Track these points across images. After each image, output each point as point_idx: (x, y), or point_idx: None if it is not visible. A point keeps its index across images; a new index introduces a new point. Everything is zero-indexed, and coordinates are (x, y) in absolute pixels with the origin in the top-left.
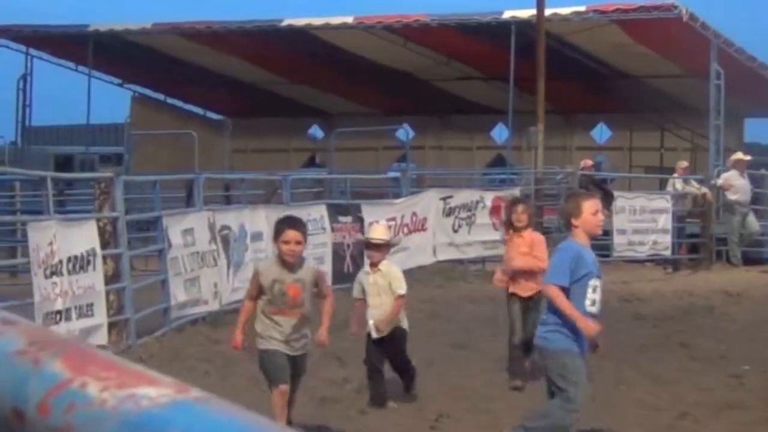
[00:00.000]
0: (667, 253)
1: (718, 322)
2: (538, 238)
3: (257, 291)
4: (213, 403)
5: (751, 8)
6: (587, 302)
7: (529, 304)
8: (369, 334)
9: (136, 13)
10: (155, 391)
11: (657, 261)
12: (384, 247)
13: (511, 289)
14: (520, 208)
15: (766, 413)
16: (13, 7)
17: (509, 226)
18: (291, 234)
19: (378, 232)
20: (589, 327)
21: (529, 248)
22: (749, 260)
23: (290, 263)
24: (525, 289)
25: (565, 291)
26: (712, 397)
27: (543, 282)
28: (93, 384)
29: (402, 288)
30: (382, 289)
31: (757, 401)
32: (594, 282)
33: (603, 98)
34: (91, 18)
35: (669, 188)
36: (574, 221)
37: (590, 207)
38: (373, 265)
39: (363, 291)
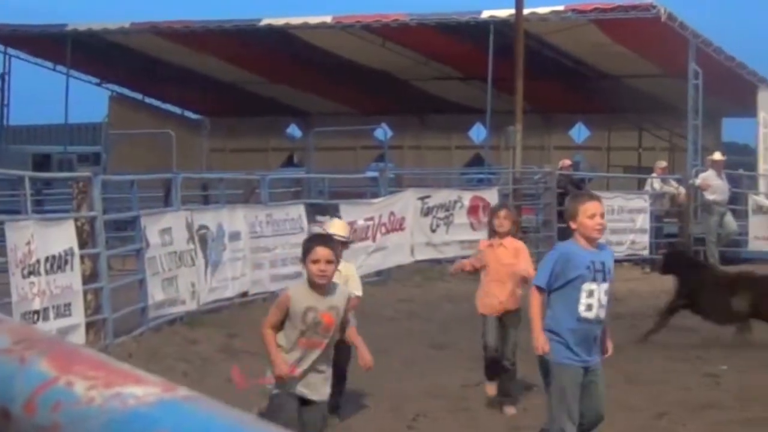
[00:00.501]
0: (645, 252)
1: (695, 322)
2: (522, 246)
3: (282, 319)
4: (201, 402)
5: (729, 7)
6: (581, 307)
7: (507, 321)
8: None
9: (114, 13)
10: (142, 390)
11: (635, 261)
12: (343, 245)
13: (488, 305)
14: (502, 212)
15: (743, 413)
16: None
17: (492, 233)
18: (321, 252)
19: (338, 228)
20: (539, 343)
21: (514, 258)
22: (727, 260)
23: (321, 286)
24: (508, 304)
25: (552, 293)
26: (689, 396)
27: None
28: (79, 383)
29: (359, 289)
30: None
31: (734, 401)
32: (589, 286)
33: (581, 98)
34: (69, 17)
35: (647, 188)
36: (571, 224)
37: (586, 210)
38: None
39: None
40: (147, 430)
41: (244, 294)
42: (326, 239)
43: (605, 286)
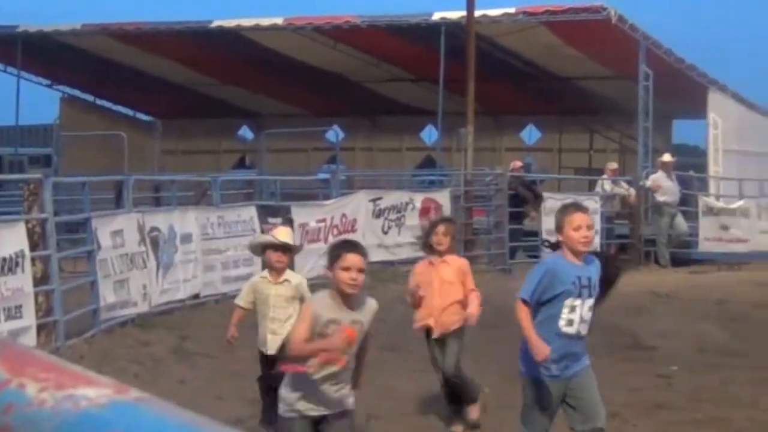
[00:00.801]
0: None
1: (646, 322)
2: (466, 266)
3: (311, 331)
4: (152, 404)
5: (680, 9)
6: (561, 322)
7: (448, 339)
8: (262, 351)
9: (65, 14)
10: (94, 392)
11: None
12: (288, 252)
13: (428, 327)
14: (441, 228)
15: (694, 413)
16: None
17: (429, 249)
18: (352, 258)
19: (285, 235)
20: (538, 352)
21: (456, 277)
22: (677, 261)
23: (350, 297)
24: (447, 324)
25: (537, 307)
26: (640, 397)
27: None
28: (31, 385)
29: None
30: (290, 302)
31: (685, 401)
32: (573, 301)
33: (532, 100)
34: (19, 18)
35: (598, 189)
36: (559, 236)
37: (572, 222)
38: (277, 272)
39: (253, 301)
40: (99, 431)
41: (196, 296)
42: (356, 245)
43: (590, 301)
